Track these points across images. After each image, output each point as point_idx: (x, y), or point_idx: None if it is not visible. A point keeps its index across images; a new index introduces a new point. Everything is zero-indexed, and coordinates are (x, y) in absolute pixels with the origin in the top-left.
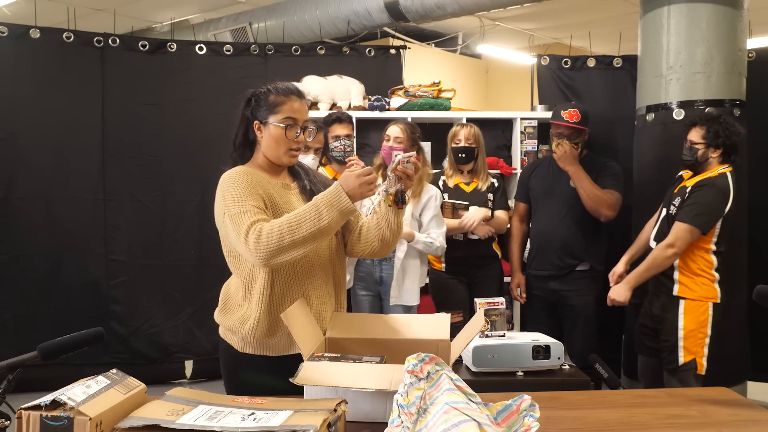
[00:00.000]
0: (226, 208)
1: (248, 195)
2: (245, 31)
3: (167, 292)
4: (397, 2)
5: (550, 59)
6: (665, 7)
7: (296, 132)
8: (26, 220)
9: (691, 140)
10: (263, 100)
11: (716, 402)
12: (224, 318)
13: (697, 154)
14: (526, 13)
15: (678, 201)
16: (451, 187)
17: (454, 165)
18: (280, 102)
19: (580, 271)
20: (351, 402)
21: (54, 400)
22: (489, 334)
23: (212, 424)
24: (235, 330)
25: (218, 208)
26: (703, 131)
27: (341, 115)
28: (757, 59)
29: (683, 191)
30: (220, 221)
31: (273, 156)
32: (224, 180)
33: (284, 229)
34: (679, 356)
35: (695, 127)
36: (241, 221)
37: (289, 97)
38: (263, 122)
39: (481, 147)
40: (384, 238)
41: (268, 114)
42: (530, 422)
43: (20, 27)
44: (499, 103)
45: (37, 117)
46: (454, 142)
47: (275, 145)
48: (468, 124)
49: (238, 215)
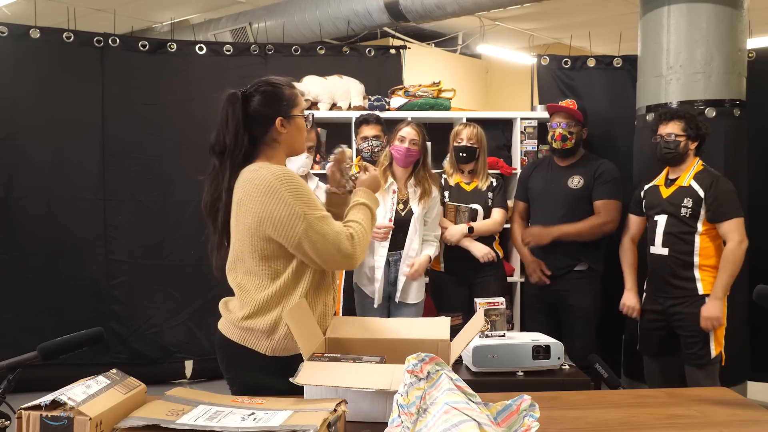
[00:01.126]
0: (306, 211)
1: (317, 199)
2: (245, 31)
3: (167, 292)
4: (397, 2)
5: (550, 59)
6: (665, 7)
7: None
8: (26, 220)
9: (669, 133)
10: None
11: (716, 402)
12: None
13: (679, 146)
14: (526, 13)
15: (689, 202)
16: (452, 185)
17: (454, 164)
18: (294, 94)
19: (579, 271)
20: (351, 402)
21: (54, 400)
22: (489, 334)
23: (212, 424)
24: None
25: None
26: (683, 123)
27: (369, 117)
28: (757, 59)
29: (688, 192)
30: (293, 223)
31: (298, 148)
32: (286, 179)
33: (360, 231)
34: (711, 349)
35: (673, 120)
36: (332, 226)
37: (293, 87)
38: (287, 117)
39: (483, 147)
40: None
41: (288, 108)
42: (530, 422)
43: (20, 27)
44: (499, 103)
45: (37, 117)
46: (456, 141)
47: (300, 137)
48: (471, 124)
49: (326, 219)
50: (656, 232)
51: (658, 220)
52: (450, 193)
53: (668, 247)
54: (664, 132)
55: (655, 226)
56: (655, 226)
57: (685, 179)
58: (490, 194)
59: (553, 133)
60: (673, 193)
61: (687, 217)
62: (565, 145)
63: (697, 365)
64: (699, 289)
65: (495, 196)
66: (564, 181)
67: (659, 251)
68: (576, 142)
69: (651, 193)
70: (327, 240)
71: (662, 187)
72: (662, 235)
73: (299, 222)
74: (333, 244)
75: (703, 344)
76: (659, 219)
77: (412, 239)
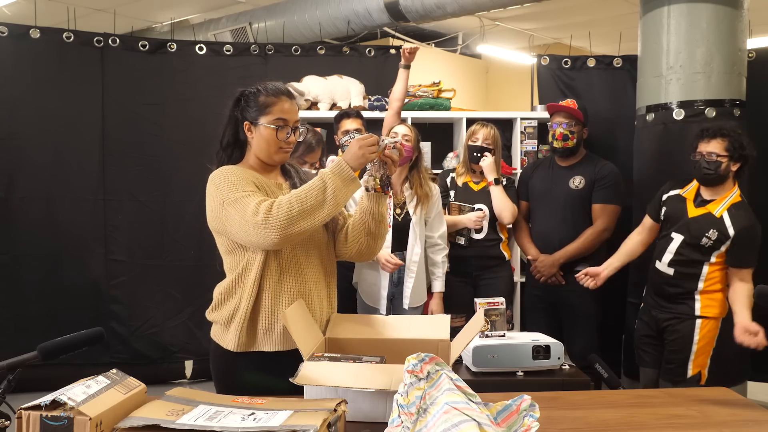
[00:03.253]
0: (224, 197)
1: (245, 183)
2: (245, 31)
3: (167, 292)
4: (397, 2)
5: (550, 59)
6: (665, 7)
7: (287, 133)
8: (26, 220)
9: (711, 152)
10: (253, 100)
11: (716, 402)
12: (214, 315)
13: (720, 167)
14: (526, 13)
15: (714, 234)
16: (460, 185)
17: (467, 163)
18: (271, 103)
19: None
20: (351, 402)
21: (54, 400)
22: (489, 334)
23: (212, 424)
24: (225, 325)
25: (213, 202)
26: (726, 143)
27: (349, 111)
28: (757, 59)
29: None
30: (218, 213)
31: (264, 156)
32: (216, 176)
33: (293, 200)
34: (687, 370)
35: (716, 138)
36: (246, 203)
37: (279, 97)
38: (254, 123)
39: (498, 149)
40: (369, 230)
41: (258, 115)
42: (530, 422)
43: (20, 27)
44: (499, 103)
45: (37, 117)
46: (471, 140)
47: (266, 146)
48: (488, 125)
49: (240, 199)
50: (667, 249)
51: (674, 238)
52: (456, 192)
53: (674, 269)
54: (705, 150)
55: (668, 243)
56: (668, 243)
57: (717, 208)
58: None
59: (553, 132)
60: (701, 217)
61: (706, 247)
62: (566, 145)
63: (670, 380)
64: (696, 310)
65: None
66: (565, 181)
67: (665, 269)
68: (577, 141)
69: (675, 203)
70: (244, 214)
71: (690, 202)
72: (673, 254)
73: (221, 206)
74: (248, 217)
75: (680, 363)
76: (675, 237)
77: (413, 245)
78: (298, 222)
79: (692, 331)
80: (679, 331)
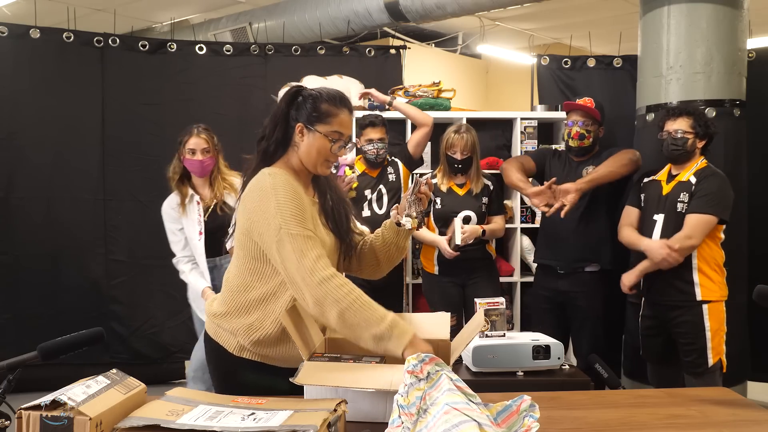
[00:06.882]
0: (282, 224)
1: (307, 217)
2: (245, 31)
3: (167, 292)
4: (397, 2)
5: (550, 59)
6: (665, 7)
7: (339, 147)
8: (26, 220)
9: (677, 129)
10: (312, 104)
11: (716, 402)
12: (223, 320)
13: (686, 143)
14: (526, 13)
15: (685, 197)
16: (444, 191)
17: (447, 171)
18: (333, 113)
19: (590, 272)
20: (351, 402)
21: (54, 400)
22: (489, 334)
23: (212, 424)
24: (234, 332)
25: (266, 217)
26: (691, 120)
27: (375, 120)
28: (757, 59)
29: (685, 186)
30: (267, 233)
31: (309, 164)
32: (278, 186)
33: (354, 296)
34: (708, 358)
35: (681, 117)
36: (307, 247)
37: (341, 109)
38: (309, 128)
39: (476, 153)
40: (389, 258)
41: (316, 121)
42: (530, 422)
43: (20, 27)
44: (499, 103)
45: (37, 117)
46: (450, 152)
47: (315, 155)
48: (462, 133)
49: (302, 238)
50: (653, 232)
51: (657, 219)
52: (441, 199)
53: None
54: (672, 128)
55: (653, 226)
56: (653, 226)
57: (685, 175)
58: (484, 199)
59: (569, 131)
60: (672, 188)
61: (683, 213)
62: (583, 144)
63: (694, 374)
64: (697, 294)
65: (492, 202)
66: (578, 171)
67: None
68: (593, 140)
69: (652, 187)
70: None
71: (663, 183)
72: (659, 234)
73: (278, 231)
74: (305, 264)
75: (700, 353)
76: (658, 219)
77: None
78: (331, 312)
79: (701, 317)
80: (687, 322)
